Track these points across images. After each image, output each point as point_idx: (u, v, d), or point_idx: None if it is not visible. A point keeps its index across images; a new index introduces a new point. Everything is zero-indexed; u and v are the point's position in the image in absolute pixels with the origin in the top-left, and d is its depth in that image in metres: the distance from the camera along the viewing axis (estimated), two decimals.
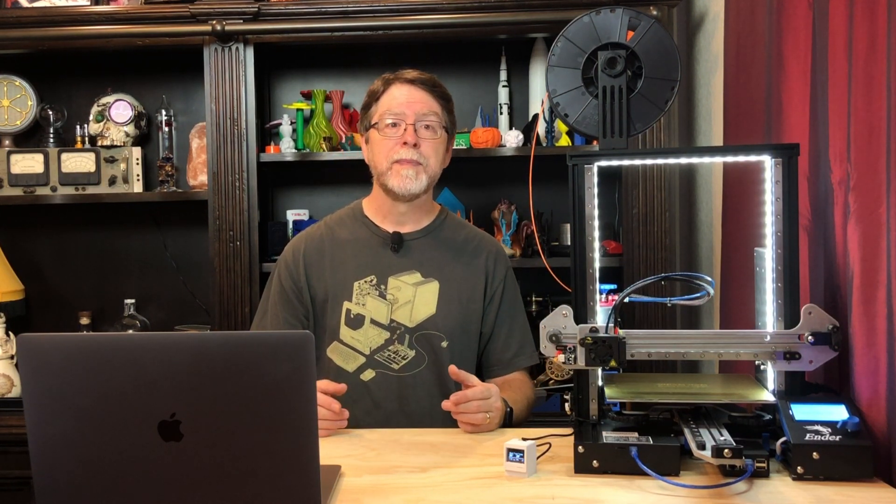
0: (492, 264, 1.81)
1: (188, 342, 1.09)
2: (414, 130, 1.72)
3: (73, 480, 1.07)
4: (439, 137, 1.76)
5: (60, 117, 2.71)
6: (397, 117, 1.73)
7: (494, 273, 1.81)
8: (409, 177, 1.71)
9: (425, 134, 1.74)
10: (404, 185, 1.72)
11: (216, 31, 2.37)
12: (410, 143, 1.71)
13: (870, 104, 1.31)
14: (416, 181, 1.72)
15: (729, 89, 2.11)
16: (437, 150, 1.75)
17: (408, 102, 1.74)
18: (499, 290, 1.80)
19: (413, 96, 1.74)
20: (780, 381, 1.38)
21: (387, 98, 1.76)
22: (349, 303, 1.75)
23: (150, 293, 2.81)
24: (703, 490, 1.20)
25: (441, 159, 1.78)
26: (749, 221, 1.70)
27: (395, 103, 1.74)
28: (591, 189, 1.41)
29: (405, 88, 1.75)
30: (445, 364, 1.70)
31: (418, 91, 1.75)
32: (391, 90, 1.76)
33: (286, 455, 1.05)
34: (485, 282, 1.80)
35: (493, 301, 1.80)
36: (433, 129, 1.75)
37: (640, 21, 1.46)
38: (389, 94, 1.76)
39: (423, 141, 1.73)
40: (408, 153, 1.71)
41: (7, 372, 2.50)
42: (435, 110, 1.75)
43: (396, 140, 1.72)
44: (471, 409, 1.54)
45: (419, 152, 1.72)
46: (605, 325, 1.36)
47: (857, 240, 1.33)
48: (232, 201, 2.44)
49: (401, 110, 1.73)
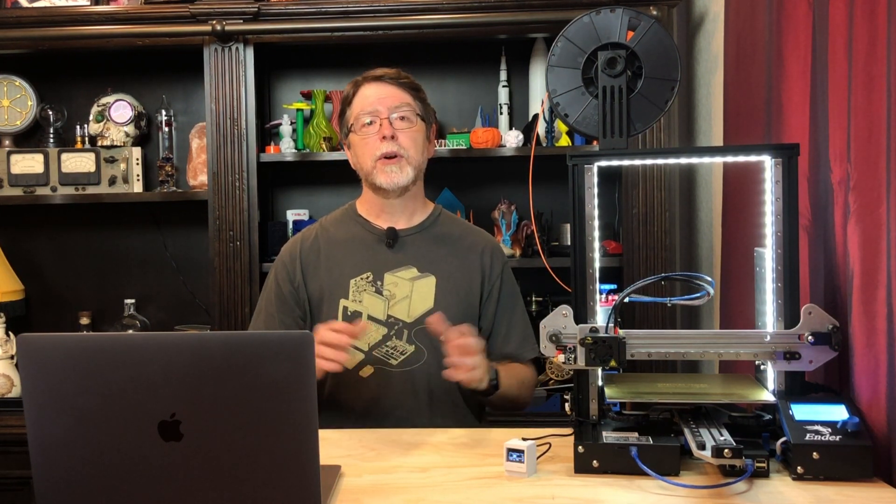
0: (488, 259, 1.82)
1: (188, 342, 1.09)
2: (390, 123, 1.75)
3: (73, 480, 1.07)
4: (416, 126, 1.78)
5: (60, 117, 2.71)
6: (372, 115, 1.76)
7: (491, 268, 1.81)
8: (393, 171, 1.74)
9: (401, 125, 1.76)
10: (391, 180, 1.74)
11: (216, 31, 2.37)
12: (388, 135, 1.74)
13: (870, 104, 1.30)
14: (402, 174, 1.74)
15: (729, 89, 2.11)
16: (415, 140, 1.77)
17: (378, 99, 1.76)
18: (496, 285, 1.81)
19: (382, 92, 1.77)
20: (780, 381, 1.38)
21: (358, 100, 1.79)
22: (346, 300, 1.76)
23: (150, 293, 2.81)
24: (703, 490, 1.20)
25: (422, 148, 1.80)
26: (749, 221, 1.70)
27: (367, 102, 1.77)
28: (591, 189, 1.41)
29: (373, 87, 1.78)
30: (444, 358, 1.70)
31: (387, 86, 1.78)
32: (361, 91, 1.79)
33: (286, 455, 1.05)
34: (481, 277, 1.80)
35: (490, 297, 1.81)
36: (409, 120, 1.77)
37: (640, 21, 1.46)
38: (360, 95, 1.79)
39: (401, 132, 1.75)
40: (388, 146, 1.73)
41: (7, 372, 2.50)
42: (406, 101, 1.78)
43: (375, 137, 1.75)
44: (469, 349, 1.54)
45: (398, 144, 1.74)
46: (605, 325, 1.36)
47: (857, 240, 1.33)
48: (232, 201, 2.44)
49: (373, 108, 1.76)
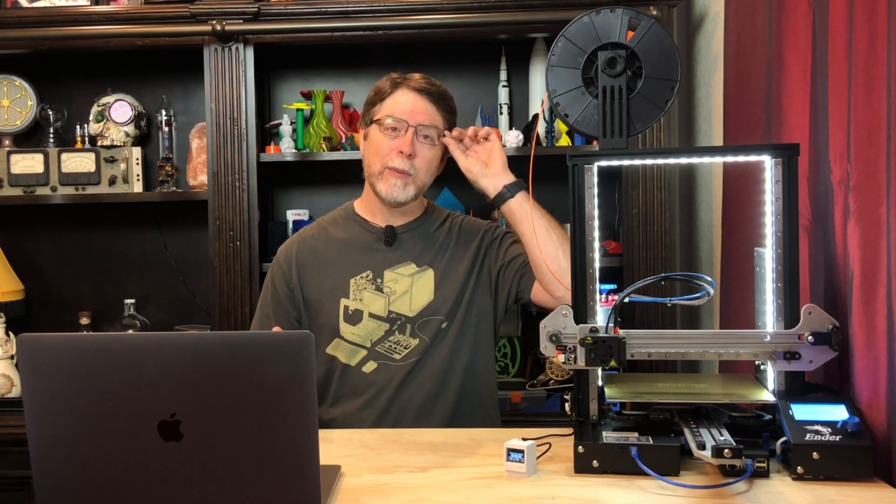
0: (481, 236, 1.84)
1: (188, 342, 1.09)
2: (413, 138, 1.73)
3: (73, 480, 1.07)
4: (437, 148, 1.77)
5: (60, 117, 2.71)
6: (398, 122, 1.73)
7: (483, 239, 1.84)
8: (397, 186, 1.73)
9: (422, 144, 1.74)
10: (392, 193, 1.74)
11: (216, 31, 2.37)
12: (406, 153, 1.72)
13: (870, 104, 1.30)
14: (404, 191, 1.74)
15: (729, 89, 2.11)
16: (430, 162, 1.77)
17: (411, 111, 1.74)
18: (497, 238, 1.84)
19: (417, 105, 1.75)
20: (780, 381, 1.38)
21: (391, 101, 1.76)
22: (346, 299, 1.76)
23: (150, 293, 2.81)
24: (703, 490, 1.20)
25: (434, 171, 1.80)
26: (749, 221, 1.69)
27: (399, 109, 1.74)
28: (591, 189, 1.41)
29: (411, 96, 1.75)
30: (447, 345, 1.75)
31: (423, 101, 1.75)
32: (397, 94, 1.76)
33: (286, 455, 1.05)
34: (476, 253, 1.82)
35: (492, 246, 1.82)
36: (431, 140, 1.75)
37: (640, 21, 1.46)
38: (395, 97, 1.76)
39: (420, 152, 1.74)
40: (401, 163, 1.72)
41: (7, 372, 2.50)
42: (437, 124, 1.76)
43: (393, 145, 1.73)
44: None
45: (412, 164, 1.73)
46: (605, 325, 1.36)
47: (857, 240, 1.33)
48: (232, 201, 2.44)
49: (403, 117, 1.73)
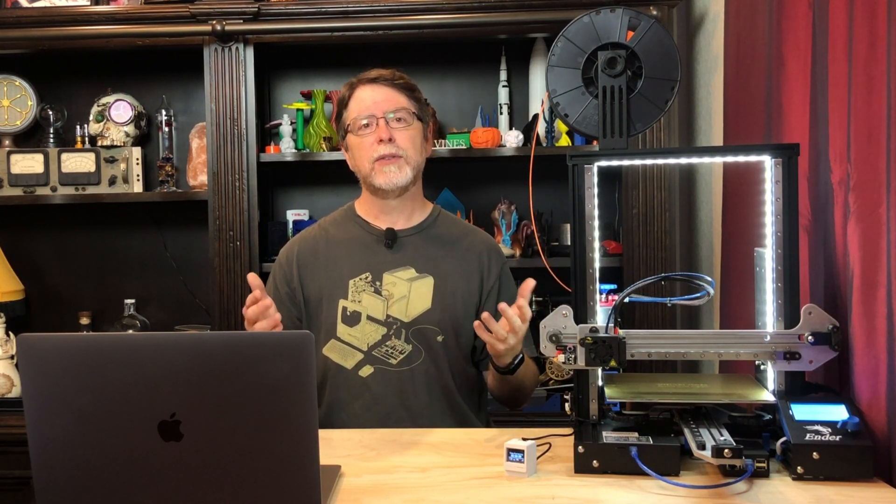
0: (486, 261, 1.82)
1: (188, 342, 1.09)
2: (386, 125, 1.75)
3: (73, 480, 1.07)
4: (413, 126, 1.78)
5: (60, 117, 2.71)
6: (368, 118, 1.76)
7: (489, 269, 1.81)
8: (392, 171, 1.74)
9: (398, 126, 1.76)
10: (390, 180, 1.74)
11: (216, 31, 2.37)
12: (385, 138, 1.74)
13: (870, 104, 1.30)
14: (401, 173, 1.75)
15: (729, 89, 2.11)
16: (413, 140, 1.78)
17: (374, 102, 1.77)
18: (495, 287, 1.81)
19: (378, 94, 1.78)
20: (780, 381, 1.38)
21: (354, 102, 1.79)
22: (345, 300, 1.76)
23: (150, 293, 2.81)
24: (703, 490, 1.20)
25: (420, 148, 1.80)
26: (749, 221, 1.70)
27: (363, 105, 1.77)
28: (591, 189, 1.41)
29: (369, 89, 1.79)
30: (441, 359, 1.74)
31: (382, 88, 1.78)
32: (356, 94, 1.80)
33: (286, 455, 1.05)
34: (480, 278, 1.80)
35: (489, 298, 1.80)
36: (405, 121, 1.78)
37: (640, 21, 1.46)
38: (356, 97, 1.79)
39: (398, 133, 1.75)
40: (385, 148, 1.74)
41: (7, 372, 2.50)
42: (402, 104, 1.78)
43: (372, 139, 1.75)
44: (515, 326, 1.50)
45: (396, 145, 1.75)
46: (605, 325, 1.36)
47: (857, 240, 1.33)
48: (232, 201, 2.44)
49: (369, 112, 1.76)
